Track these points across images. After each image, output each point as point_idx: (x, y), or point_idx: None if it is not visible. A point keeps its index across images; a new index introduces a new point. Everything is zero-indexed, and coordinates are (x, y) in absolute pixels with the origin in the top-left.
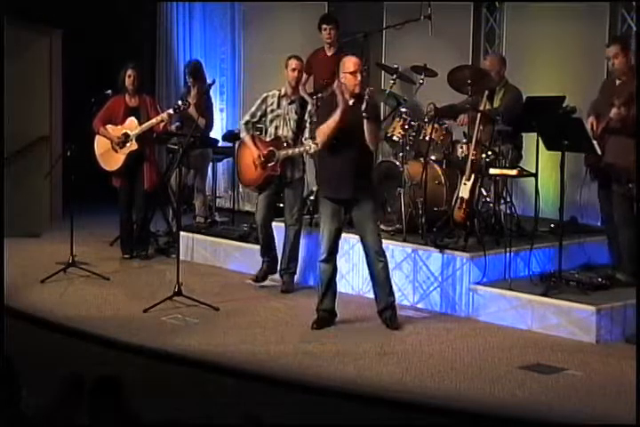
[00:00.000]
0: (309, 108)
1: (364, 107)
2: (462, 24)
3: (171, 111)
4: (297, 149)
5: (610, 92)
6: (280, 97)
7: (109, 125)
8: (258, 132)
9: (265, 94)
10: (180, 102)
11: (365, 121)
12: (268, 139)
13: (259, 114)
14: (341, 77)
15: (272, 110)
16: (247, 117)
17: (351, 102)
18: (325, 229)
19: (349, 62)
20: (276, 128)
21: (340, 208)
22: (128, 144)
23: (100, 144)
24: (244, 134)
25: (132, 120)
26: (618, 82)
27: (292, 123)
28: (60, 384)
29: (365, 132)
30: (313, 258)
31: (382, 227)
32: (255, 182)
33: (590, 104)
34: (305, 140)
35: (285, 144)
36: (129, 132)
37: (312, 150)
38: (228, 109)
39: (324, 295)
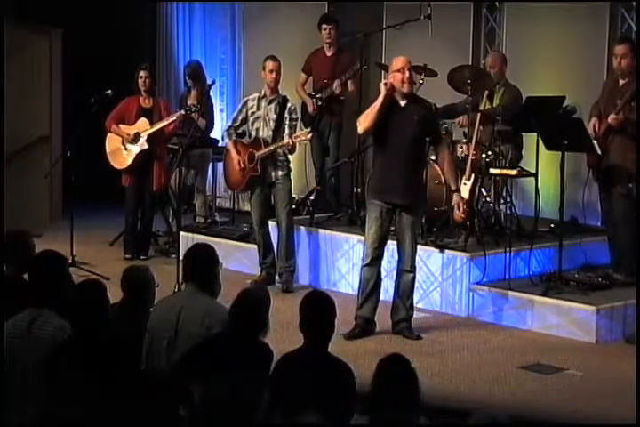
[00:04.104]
0: (289, 105)
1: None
2: (462, 24)
3: (183, 112)
4: (271, 147)
5: (613, 92)
6: (259, 99)
7: (121, 125)
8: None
9: (245, 99)
10: (190, 104)
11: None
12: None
13: (240, 118)
14: (389, 77)
15: (252, 113)
16: (229, 123)
17: (403, 104)
18: (370, 233)
19: (396, 60)
20: (257, 130)
21: (389, 212)
22: (139, 143)
23: (111, 142)
24: (226, 140)
25: (143, 121)
26: (621, 82)
27: (271, 123)
28: None
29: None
30: (313, 258)
31: None
32: (239, 186)
33: (593, 105)
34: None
35: (263, 144)
36: (140, 131)
37: (285, 142)
38: (228, 110)
39: (364, 302)
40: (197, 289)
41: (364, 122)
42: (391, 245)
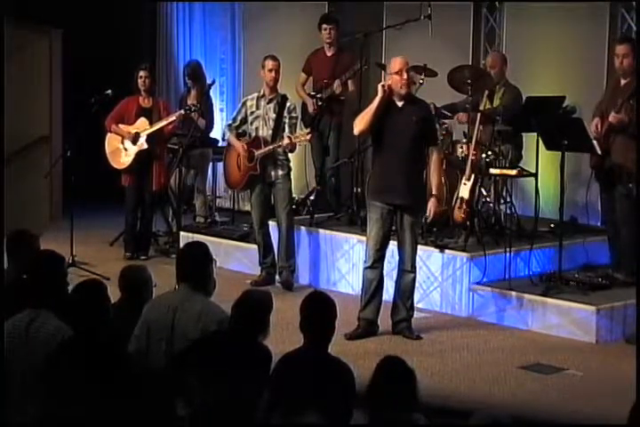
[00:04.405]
0: (288, 104)
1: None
2: (462, 24)
3: (182, 112)
4: (271, 146)
5: (614, 92)
6: (258, 98)
7: (121, 125)
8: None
9: (244, 99)
10: (190, 104)
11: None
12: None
13: (239, 118)
14: (387, 79)
15: (252, 112)
16: (229, 122)
17: (401, 104)
18: (371, 234)
19: (394, 62)
20: (257, 129)
21: (390, 213)
22: (138, 143)
23: (111, 142)
24: (228, 134)
25: (143, 120)
26: (623, 82)
27: (271, 122)
28: None
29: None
30: (313, 258)
31: None
32: (239, 184)
33: (596, 105)
34: (284, 136)
35: (263, 143)
36: (140, 131)
37: (286, 142)
38: (228, 110)
39: (367, 304)
40: (192, 289)
41: (360, 124)
42: (391, 246)
